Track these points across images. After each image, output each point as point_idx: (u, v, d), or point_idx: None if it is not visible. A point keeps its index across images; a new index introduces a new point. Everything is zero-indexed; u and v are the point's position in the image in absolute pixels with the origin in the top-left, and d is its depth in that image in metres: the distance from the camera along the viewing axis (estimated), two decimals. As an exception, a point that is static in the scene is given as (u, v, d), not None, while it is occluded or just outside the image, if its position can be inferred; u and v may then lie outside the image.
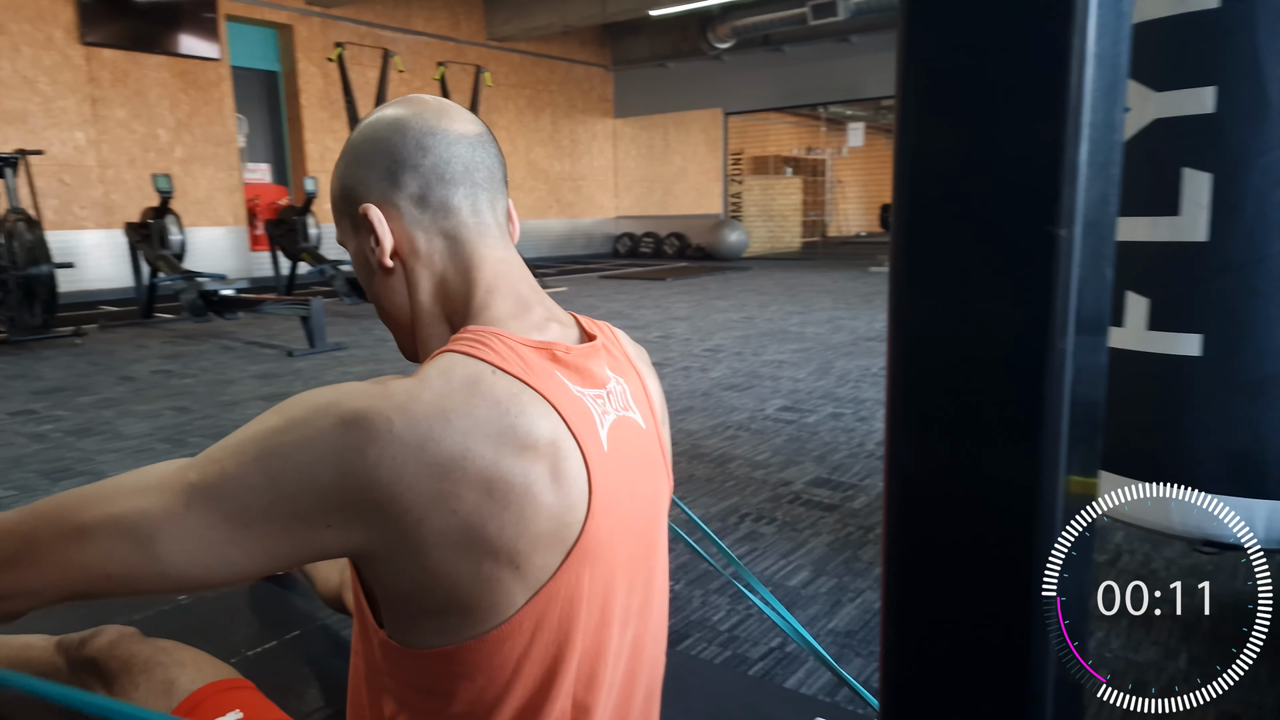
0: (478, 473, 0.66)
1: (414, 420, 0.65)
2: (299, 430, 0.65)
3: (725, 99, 13.23)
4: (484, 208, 0.80)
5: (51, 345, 5.29)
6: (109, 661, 0.99)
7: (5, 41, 7.27)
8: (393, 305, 0.83)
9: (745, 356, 4.60)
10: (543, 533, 0.70)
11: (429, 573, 0.69)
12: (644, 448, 0.82)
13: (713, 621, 1.69)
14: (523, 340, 0.75)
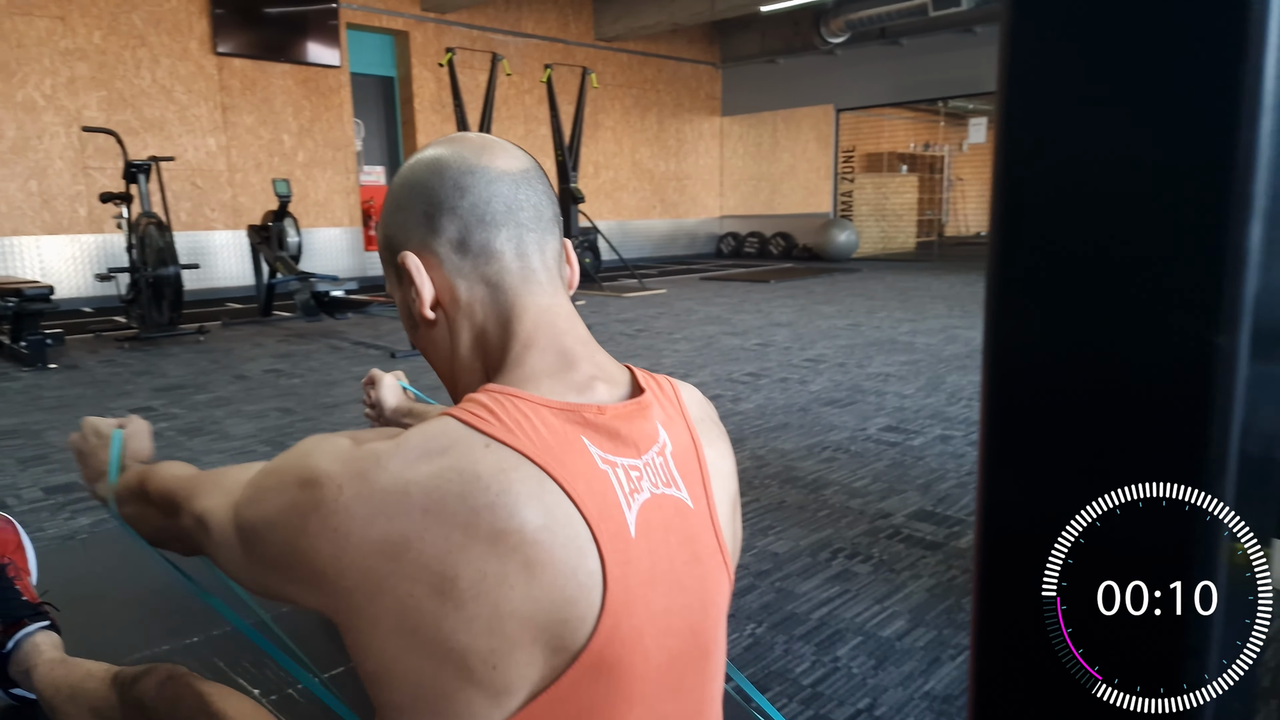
0: (431, 560, 0.58)
1: (367, 492, 0.59)
2: (275, 478, 0.66)
3: (838, 94, 12.84)
4: (530, 250, 0.72)
5: (177, 342, 5.58)
6: (156, 705, 0.96)
7: (146, 53, 7.74)
8: (437, 359, 0.77)
9: (849, 368, 4.38)
10: (521, 640, 0.59)
11: (389, 660, 0.61)
12: (690, 532, 0.69)
13: (795, 674, 1.54)
14: (547, 402, 0.65)
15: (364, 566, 0.59)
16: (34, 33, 7.12)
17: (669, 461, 0.71)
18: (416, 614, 0.59)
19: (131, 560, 2.06)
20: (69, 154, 7.40)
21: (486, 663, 0.59)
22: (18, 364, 4.82)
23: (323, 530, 0.60)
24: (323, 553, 0.60)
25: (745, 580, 1.89)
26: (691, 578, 0.70)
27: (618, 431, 0.68)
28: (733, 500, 0.79)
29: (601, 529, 0.63)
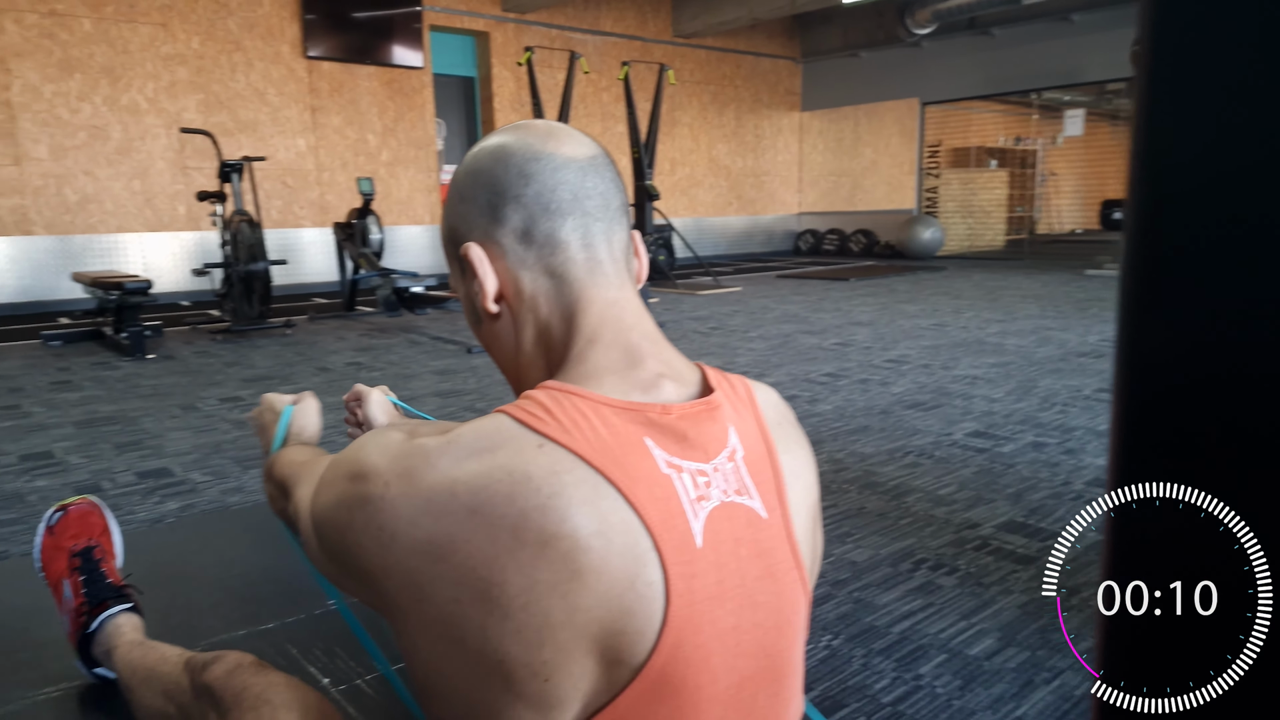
0: (478, 564, 0.55)
1: (413, 490, 0.56)
2: (334, 471, 0.66)
3: (923, 88, 12.47)
4: (597, 240, 0.68)
5: (266, 335, 5.76)
6: (224, 691, 0.96)
7: (241, 58, 8.04)
8: (500, 355, 0.74)
9: (933, 370, 4.21)
10: (574, 652, 0.55)
11: (436, 670, 0.58)
12: (763, 545, 0.64)
13: (874, 690, 1.45)
14: (609, 401, 0.61)
15: (408, 567, 0.57)
16: (138, 39, 7.47)
17: (740, 467, 0.65)
18: (462, 621, 0.56)
19: (214, 546, 2.10)
20: (169, 154, 7.74)
21: (538, 675, 0.55)
22: (119, 354, 5.05)
23: (368, 527, 0.58)
24: (368, 550, 0.59)
25: (821, 589, 1.81)
26: (765, 594, 0.64)
27: (684, 434, 0.63)
28: (812, 512, 0.73)
29: (664, 538, 0.58)
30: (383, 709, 1.38)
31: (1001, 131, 15.05)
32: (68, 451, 3.02)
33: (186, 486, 2.62)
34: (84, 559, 1.44)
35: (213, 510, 2.41)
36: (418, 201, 9.44)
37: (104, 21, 7.29)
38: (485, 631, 0.55)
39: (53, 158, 7.18)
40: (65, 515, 1.50)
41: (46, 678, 1.48)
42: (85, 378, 4.38)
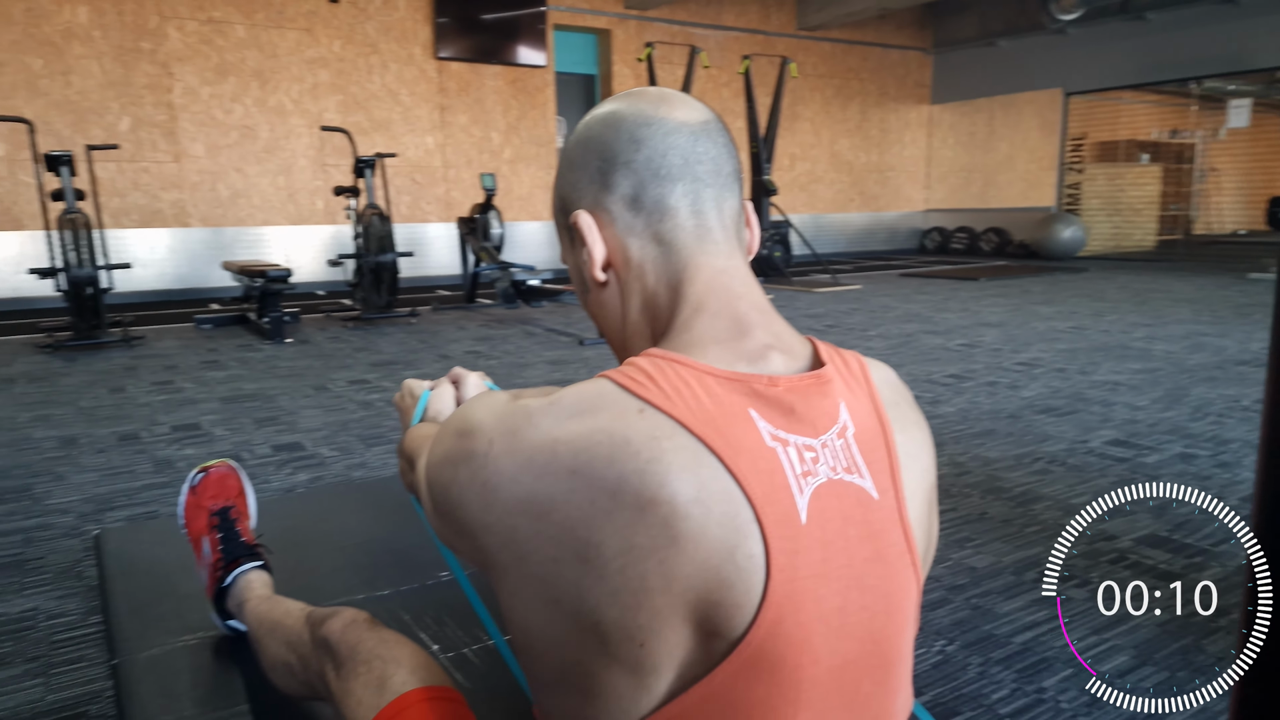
0: (576, 524, 0.55)
1: (516, 448, 0.58)
2: (443, 430, 0.66)
3: (1067, 77, 11.77)
4: (707, 207, 0.67)
5: (392, 323, 6.02)
6: (339, 645, 1.02)
7: (377, 60, 8.44)
8: (607, 325, 0.73)
9: (1069, 374, 3.97)
10: (670, 618, 0.54)
11: (536, 629, 0.59)
12: (874, 526, 0.61)
13: (991, 700, 1.37)
14: (712, 370, 0.59)
15: (509, 524, 0.57)
16: (285, 44, 7.95)
17: (851, 445, 0.62)
18: (559, 581, 0.56)
19: (339, 516, 2.21)
20: (310, 153, 8.20)
21: (633, 640, 0.55)
22: (260, 337, 5.39)
23: (472, 482, 0.59)
24: (471, 505, 0.60)
25: (936, 593, 1.72)
26: (873, 577, 0.61)
27: (792, 407, 0.60)
28: (928, 496, 0.69)
29: (766, 511, 0.56)
30: (486, 678, 1.40)
31: (1155, 124, 14.02)
32: (213, 424, 3.24)
33: (316, 460, 2.76)
34: (221, 518, 1.54)
35: (338, 483, 2.53)
36: (538, 198, 9.65)
37: (255, 28, 7.80)
38: (581, 592, 0.55)
39: (208, 155, 7.74)
40: (206, 476, 1.60)
41: (186, 627, 1.58)
42: (231, 358, 4.69)
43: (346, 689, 0.97)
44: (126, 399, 3.67)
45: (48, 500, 2.39)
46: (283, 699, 1.36)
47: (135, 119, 7.38)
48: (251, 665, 1.45)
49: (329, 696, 1.04)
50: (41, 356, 4.75)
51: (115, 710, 1.38)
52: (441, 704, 0.93)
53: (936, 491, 0.71)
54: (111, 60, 7.22)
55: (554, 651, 0.58)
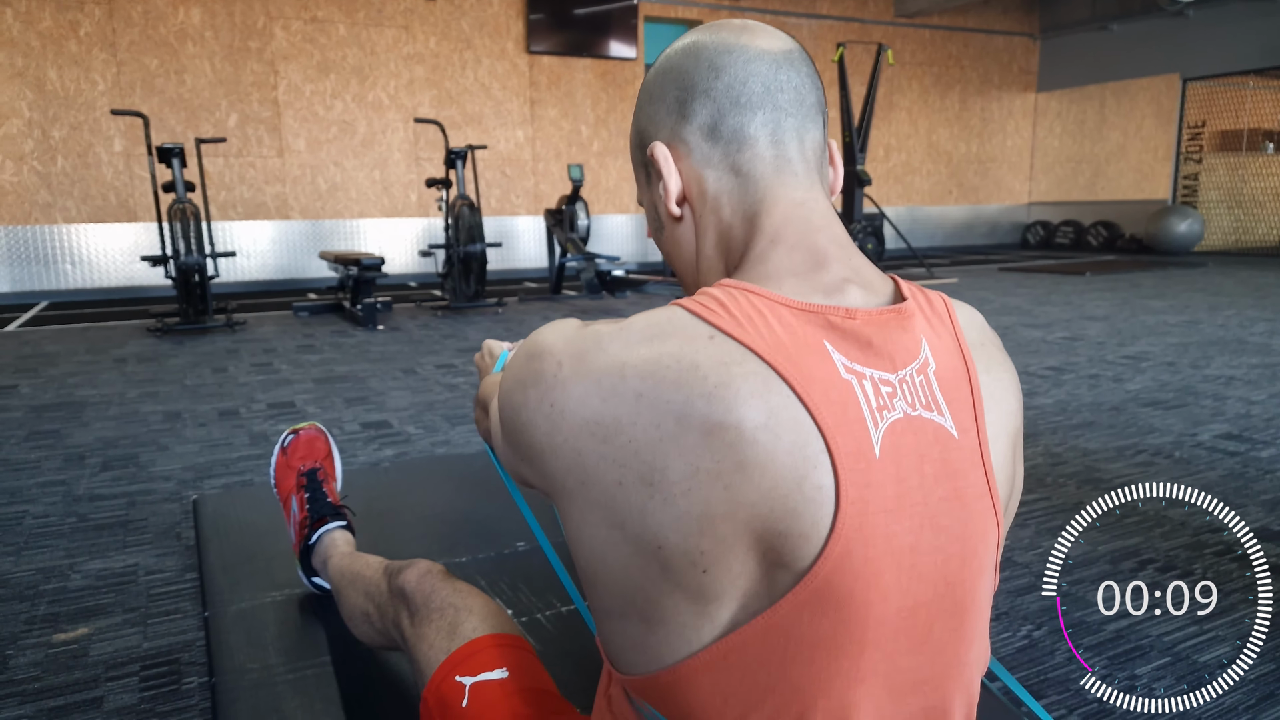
0: (642, 447, 0.54)
1: (584, 370, 0.57)
2: (514, 357, 0.66)
3: (1186, 62, 11.10)
4: (788, 137, 0.65)
5: (480, 312, 6.15)
6: (415, 594, 1.05)
7: (470, 55, 8.62)
8: (680, 263, 0.72)
9: (1179, 368, 3.73)
10: (734, 546, 0.53)
11: (599, 555, 0.58)
12: (953, 466, 0.58)
13: (1078, 685, 1.30)
14: (787, 301, 0.58)
15: (576, 447, 0.57)
16: (384, 41, 8.21)
17: (931, 382, 0.60)
18: (624, 505, 0.55)
19: (422, 488, 2.26)
20: (405, 146, 8.45)
21: (696, 566, 0.54)
22: (353, 324, 5.58)
23: (541, 404, 0.59)
24: (539, 428, 0.59)
25: (1024, 579, 1.64)
26: (949, 517, 0.58)
27: (869, 340, 0.58)
28: (1013, 439, 0.65)
29: (838, 442, 0.54)
30: (558, 641, 1.41)
31: (1281, 110, 13.10)
32: (306, 403, 3.36)
33: (402, 437, 2.84)
34: (309, 479, 1.59)
35: (422, 458, 2.59)
36: (625, 191, 9.69)
37: (356, 26, 8.08)
38: (645, 516, 0.54)
39: (309, 150, 8.07)
40: (296, 438, 1.66)
41: (273, 584, 1.65)
42: (325, 343, 4.88)
43: (420, 634, 1.00)
44: (228, 378, 3.85)
45: (152, 468, 2.52)
46: (363, 653, 1.40)
47: (242, 115, 7.76)
48: (334, 620, 1.50)
49: (403, 643, 1.06)
50: (151, 339, 5.04)
51: (205, 658, 1.44)
52: (510, 650, 0.94)
53: (1021, 437, 0.67)
54: (221, 59, 7.60)
55: (617, 578, 0.58)
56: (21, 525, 2.06)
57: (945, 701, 0.61)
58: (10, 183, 7.05)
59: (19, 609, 1.63)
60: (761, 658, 0.55)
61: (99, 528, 2.05)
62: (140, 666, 1.43)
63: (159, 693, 1.36)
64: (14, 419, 3.14)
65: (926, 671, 0.59)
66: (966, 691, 0.63)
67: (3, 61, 6.88)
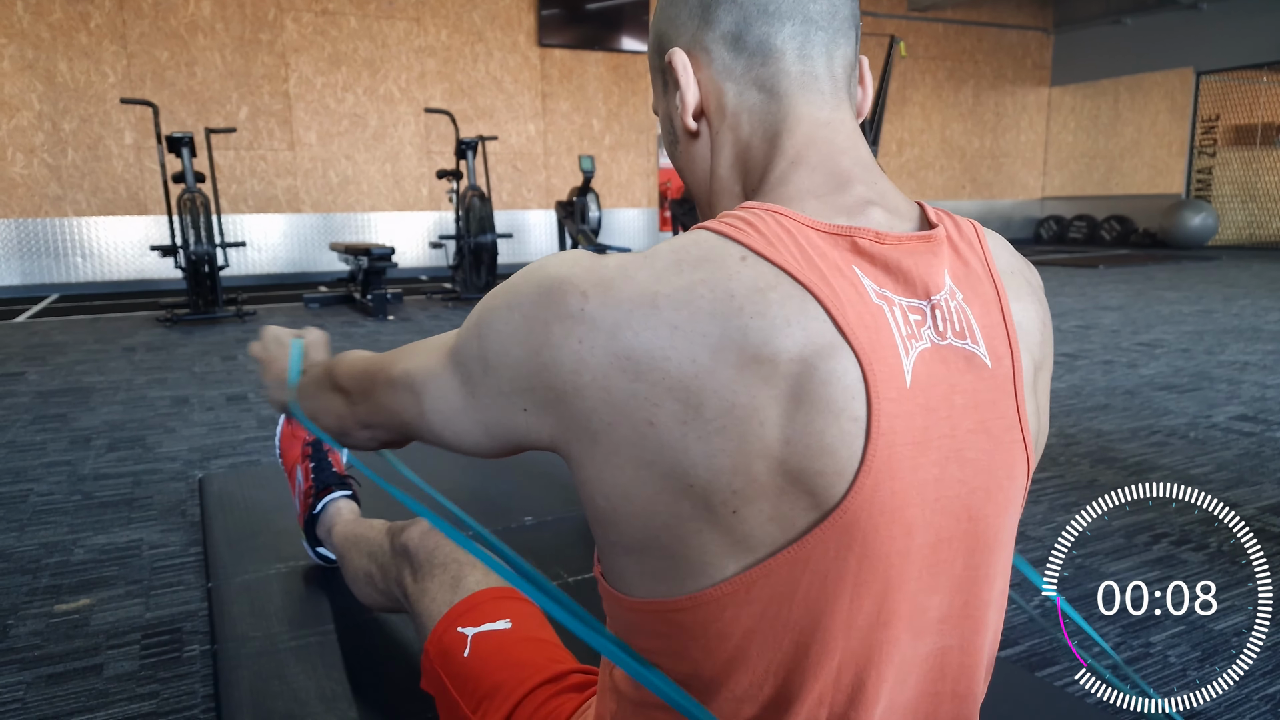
0: (675, 382, 0.49)
1: (613, 301, 0.52)
2: (505, 296, 0.59)
3: (1200, 56, 11.01)
4: (816, 52, 0.60)
5: (491, 304, 6.14)
6: (417, 551, 1.05)
7: (482, 48, 8.62)
8: (695, 179, 0.67)
9: (1193, 354, 3.69)
10: (768, 487, 0.50)
11: (622, 494, 0.53)
12: (981, 396, 0.55)
13: (1093, 652, 1.29)
14: (813, 223, 0.54)
15: (604, 385, 0.52)
16: (395, 33, 8.22)
17: (965, 309, 0.56)
18: (656, 442, 0.51)
19: (426, 467, 2.23)
20: (416, 140, 8.46)
21: (727, 505, 0.51)
22: (364, 315, 5.59)
23: (566, 340, 0.53)
24: (564, 366, 0.53)
25: (1038, 552, 1.62)
26: (975, 450, 0.55)
27: (899, 264, 0.55)
28: (1038, 369, 0.62)
29: (873, 371, 0.51)
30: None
31: (1298, 104, 12.97)
32: (315, 387, 3.36)
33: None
34: (315, 449, 1.59)
35: (428, 440, 2.58)
36: (636, 185, 9.67)
37: (367, 18, 8.09)
38: (679, 455, 0.51)
39: (320, 143, 8.08)
40: (301, 409, 1.65)
41: (279, 557, 1.64)
42: (335, 333, 4.88)
43: (422, 589, 0.99)
44: (236, 366, 3.85)
45: (158, 449, 2.52)
46: (367, 622, 1.39)
47: (253, 108, 7.77)
48: (337, 592, 1.49)
49: (405, 600, 1.05)
50: (161, 329, 5.05)
51: (207, 627, 1.43)
52: (512, 602, 0.93)
53: (1048, 371, 0.64)
54: (232, 51, 7.62)
55: (641, 517, 0.54)
56: (26, 503, 2.06)
57: (964, 641, 0.59)
58: (21, 175, 7.09)
59: (20, 581, 1.62)
60: (785, 592, 0.52)
61: (104, 505, 2.05)
62: (141, 635, 1.42)
63: (160, 660, 1.35)
64: (20, 404, 3.14)
65: (946, 609, 0.57)
66: (987, 632, 0.61)
67: (13, 54, 6.92)
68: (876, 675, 0.55)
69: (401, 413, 0.68)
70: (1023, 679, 1.17)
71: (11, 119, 6.99)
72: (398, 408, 0.69)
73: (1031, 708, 1.13)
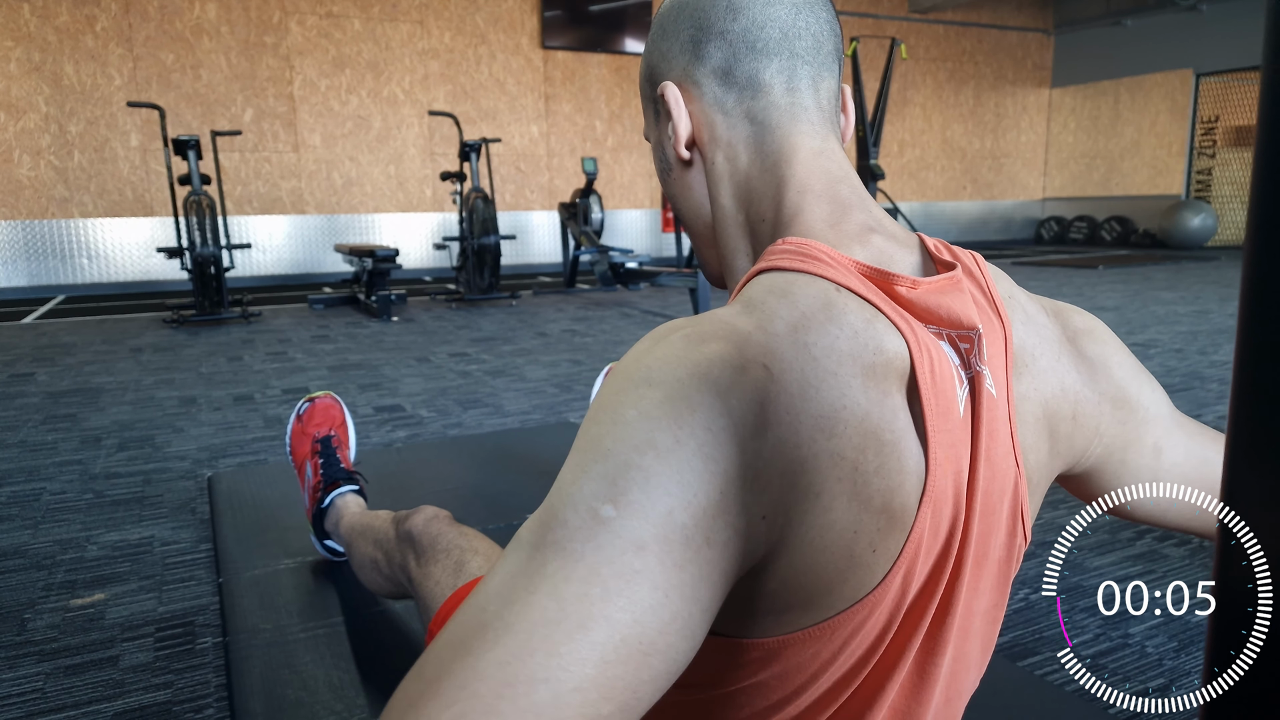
0: (858, 422, 0.48)
1: (784, 362, 0.48)
2: (643, 421, 0.44)
3: (1199, 57, 11.03)
4: (802, 85, 0.63)
5: (493, 304, 6.18)
6: (422, 536, 1.09)
7: (485, 50, 8.67)
8: (689, 208, 0.69)
9: (1187, 354, 3.73)
10: (904, 504, 0.51)
11: (803, 568, 0.50)
12: (994, 422, 0.59)
13: (1074, 644, 1.32)
14: (850, 261, 0.56)
15: (816, 450, 0.48)
16: (399, 36, 8.27)
17: (980, 342, 0.59)
18: (855, 484, 0.50)
19: (434, 466, 2.29)
20: (420, 141, 8.50)
21: (870, 545, 0.51)
22: (368, 315, 5.63)
23: (776, 423, 0.46)
24: (774, 451, 0.47)
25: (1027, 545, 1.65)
26: (980, 476, 0.58)
27: (938, 308, 0.57)
28: (1046, 406, 0.63)
29: (932, 404, 0.53)
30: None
31: (1299, 104, 12.98)
32: (320, 388, 3.40)
33: (415, 420, 2.87)
34: (324, 445, 1.63)
35: (434, 440, 2.62)
36: (639, 186, 9.71)
37: (371, 21, 8.14)
38: (872, 486, 0.50)
39: (324, 145, 8.13)
40: (312, 406, 1.70)
41: (287, 552, 1.69)
42: (340, 333, 4.92)
43: (426, 573, 1.03)
44: (243, 366, 3.90)
45: (167, 449, 2.57)
46: (374, 613, 1.43)
47: (258, 110, 7.82)
48: (345, 585, 1.54)
49: (409, 585, 1.09)
50: (167, 330, 5.10)
51: (219, 620, 1.47)
52: None
53: (1071, 393, 0.64)
54: (237, 54, 7.68)
55: (815, 578, 0.52)
56: (39, 501, 2.11)
57: (962, 644, 0.61)
58: (27, 177, 7.14)
59: (36, 577, 1.67)
60: (879, 603, 0.54)
61: (115, 503, 2.09)
62: (155, 628, 1.47)
63: (174, 652, 1.39)
64: (31, 404, 3.19)
65: (979, 607, 0.60)
66: (979, 639, 0.64)
67: (20, 56, 6.97)
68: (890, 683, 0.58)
69: None
70: (1005, 669, 1.22)
71: (18, 121, 7.05)
72: None
73: (1013, 695, 1.17)
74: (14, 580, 1.66)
